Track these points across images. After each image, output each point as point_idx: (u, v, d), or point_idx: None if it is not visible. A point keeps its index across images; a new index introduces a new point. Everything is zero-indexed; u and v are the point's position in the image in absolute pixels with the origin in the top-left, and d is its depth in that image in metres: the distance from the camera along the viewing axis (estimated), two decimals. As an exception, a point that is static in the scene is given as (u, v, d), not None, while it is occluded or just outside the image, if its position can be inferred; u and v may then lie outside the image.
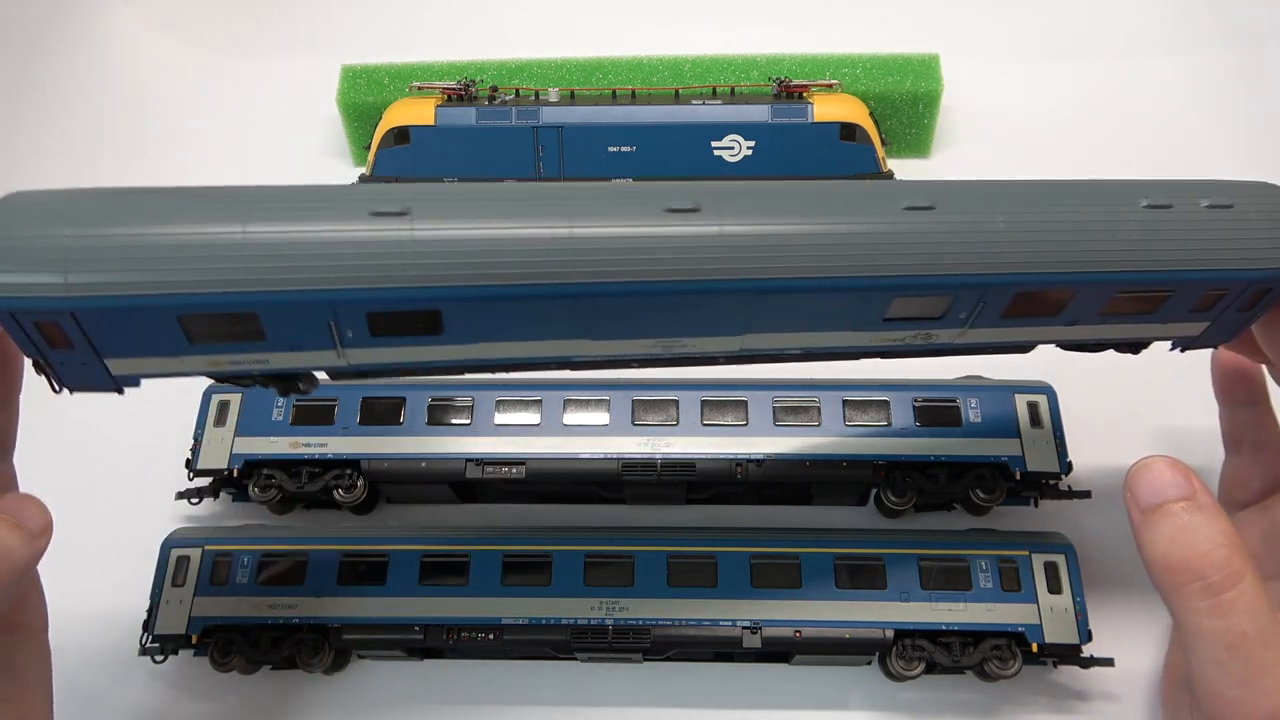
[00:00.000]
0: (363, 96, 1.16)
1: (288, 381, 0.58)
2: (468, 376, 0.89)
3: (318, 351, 0.53)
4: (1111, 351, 0.73)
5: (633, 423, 0.91)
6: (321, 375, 0.60)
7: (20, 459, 0.69)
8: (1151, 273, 0.62)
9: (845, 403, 0.92)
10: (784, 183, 0.61)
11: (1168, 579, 0.56)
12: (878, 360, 0.69)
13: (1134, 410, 0.97)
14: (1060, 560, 0.84)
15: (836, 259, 0.57)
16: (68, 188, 0.50)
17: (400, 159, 1.10)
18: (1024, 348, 0.71)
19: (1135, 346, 0.73)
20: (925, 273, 0.58)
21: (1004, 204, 0.60)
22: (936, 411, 0.91)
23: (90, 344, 0.49)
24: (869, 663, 0.88)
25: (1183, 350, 0.72)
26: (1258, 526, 0.74)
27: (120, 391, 0.54)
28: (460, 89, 1.11)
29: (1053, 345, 0.71)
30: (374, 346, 0.54)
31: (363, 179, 1.12)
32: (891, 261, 0.58)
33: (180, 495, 0.93)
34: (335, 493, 0.91)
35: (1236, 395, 0.80)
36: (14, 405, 0.64)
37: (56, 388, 0.53)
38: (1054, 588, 0.83)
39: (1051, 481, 0.90)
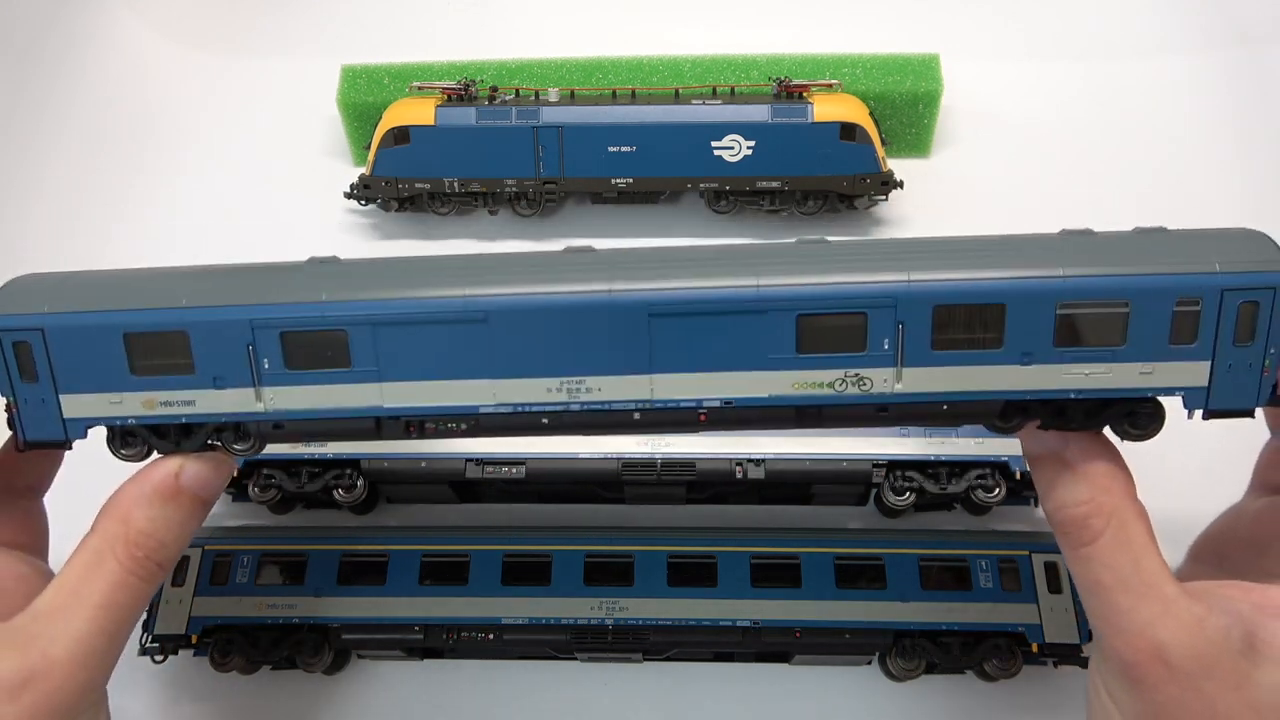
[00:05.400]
0: (363, 96, 1.15)
1: (206, 436, 0.63)
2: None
3: (239, 390, 0.60)
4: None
5: (633, 423, 0.91)
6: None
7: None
8: (1089, 277, 0.54)
9: (845, 403, 0.91)
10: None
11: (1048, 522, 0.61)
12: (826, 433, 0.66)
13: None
14: (1060, 560, 0.84)
15: (729, 268, 0.56)
16: (63, 271, 0.62)
17: (400, 159, 1.10)
18: (987, 412, 0.58)
19: (1136, 420, 0.60)
20: (826, 282, 0.55)
21: (915, 245, 0.58)
22: (936, 411, 0.91)
23: (51, 375, 0.60)
24: (869, 663, 0.88)
25: (1204, 415, 0.58)
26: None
27: (69, 445, 0.62)
28: (460, 89, 1.11)
29: (1028, 426, 0.59)
30: (290, 384, 0.60)
31: (362, 179, 1.12)
32: (790, 277, 0.56)
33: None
34: (335, 493, 0.91)
35: None
36: (60, 456, 0.71)
37: (19, 441, 0.61)
38: (1054, 588, 0.83)
39: (1051, 481, 0.90)
